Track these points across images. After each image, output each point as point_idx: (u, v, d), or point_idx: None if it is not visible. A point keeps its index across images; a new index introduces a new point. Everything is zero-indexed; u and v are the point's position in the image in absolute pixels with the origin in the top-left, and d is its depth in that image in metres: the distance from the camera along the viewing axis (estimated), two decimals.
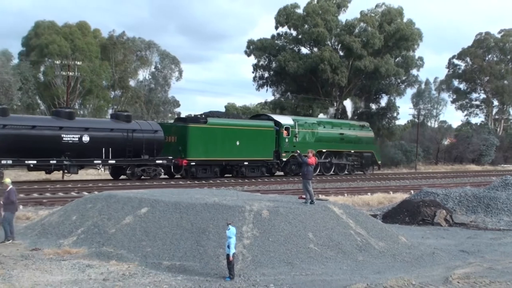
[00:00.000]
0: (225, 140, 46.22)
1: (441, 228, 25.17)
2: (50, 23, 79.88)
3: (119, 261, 16.43)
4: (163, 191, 25.19)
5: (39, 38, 76.94)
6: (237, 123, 49.20)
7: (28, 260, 16.56)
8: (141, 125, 44.26)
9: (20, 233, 19.59)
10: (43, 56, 75.83)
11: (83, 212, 20.13)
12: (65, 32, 78.32)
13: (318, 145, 53.59)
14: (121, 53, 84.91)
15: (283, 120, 53.33)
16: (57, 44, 75.12)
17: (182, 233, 17.42)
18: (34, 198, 30.17)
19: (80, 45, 77.35)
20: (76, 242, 18.32)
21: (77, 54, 74.07)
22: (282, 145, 51.12)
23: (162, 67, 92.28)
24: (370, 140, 62.38)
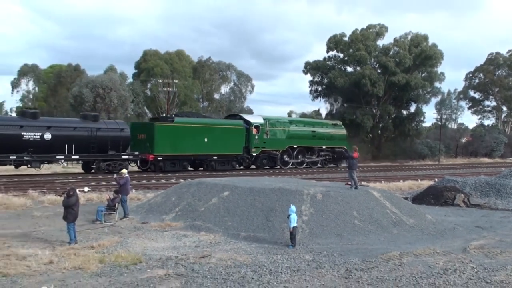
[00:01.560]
0: (193, 137, 41.48)
1: (460, 209, 24.52)
2: (155, 51, 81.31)
3: (207, 232, 16.59)
4: (240, 179, 25.28)
5: (147, 63, 78.39)
6: (205, 122, 44.23)
7: (139, 231, 16.91)
8: (107, 124, 40.04)
9: (133, 211, 19.99)
10: (150, 76, 77.23)
11: (180, 194, 20.41)
12: (166, 58, 79.51)
13: (290, 142, 48.94)
14: (207, 73, 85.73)
15: (253, 119, 48.04)
16: (160, 67, 76.37)
17: (255, 211, 17.48)
18: (143, 184, 30.67)
19: (177, 68, 78.41)
20: (174, 218, 18.59)
21: (175, 74, 75.26)
22: (252, 141, 45.78)
23: (239, 84, 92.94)
24: (343, 137, 55.52)
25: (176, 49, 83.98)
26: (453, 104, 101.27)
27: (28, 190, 25.43)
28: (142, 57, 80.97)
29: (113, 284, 10.89)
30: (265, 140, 46.82)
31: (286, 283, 11.31)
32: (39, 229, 17.02)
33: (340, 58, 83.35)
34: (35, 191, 25.42)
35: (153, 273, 11.75)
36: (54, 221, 18.18)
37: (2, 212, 20.46)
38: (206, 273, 11.86)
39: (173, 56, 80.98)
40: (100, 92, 65.75)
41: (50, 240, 15.16)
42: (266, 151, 47.05)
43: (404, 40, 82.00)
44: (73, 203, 14.91)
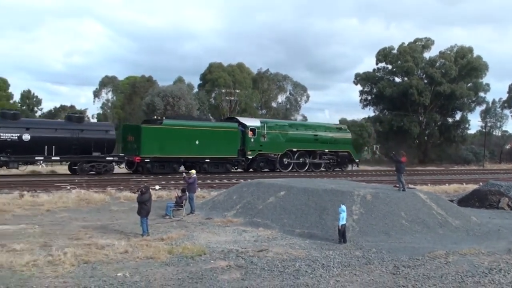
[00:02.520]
0: (182, 139, 38.10)
1: (504, 211, 23.51)
2: (219, 64, 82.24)
3: (265, 228, 16.59)
4: (295, 180, 25.16)
5: (211, 74, 79.42)
6: (195, 124, 40.38)
7: (203, 226, 17.07)
8: (92, 125, 38.04)
9: (198, 207, 20.21)
10: (214, 87, 78.18)
11: (241, 193, 20.50)
12: (229, 70, 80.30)
13: (289, 145, 44.89)
14: (266, 83, 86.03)
15: (249, 122, 44.45)
16: (223, 78, 77.21)
17: (309, 209, 17.35)
18: (207, 183, 30.97)
19: (239, 79, 79.02)
20: (235, 214, 18.68)
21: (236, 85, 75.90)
22: (248, 144, 42.26)
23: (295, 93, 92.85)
24: (347, 141, 50.48)
25: (238, 62, 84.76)
26: (498, 113, 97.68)
27: (106, 187, 26.16)
28: (207, 69, 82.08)
29: (180, 273, 11.03)
30: (262, 143, 43.26)
31: (338, 277, 11.16)
32: (116, 222, 17.47)
33: (389, 69, 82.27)
34: (113, 188, 26.09)
35: (216, 264, 11.84)
36: (129, 215, 18.61)
37: (84, 206, 21.13)
38: (264, 265, 11.86)
39: (235, 68, 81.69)
40: (170, 100, 67.13)
41: (125, 232, 15.52)
42: (264, 154, 43.55)
43: (450, 53, 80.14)
44: (146, 200, 15.22)
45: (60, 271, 10.85)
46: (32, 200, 21.36)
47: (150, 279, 10.55)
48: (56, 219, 17.91)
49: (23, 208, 19.63)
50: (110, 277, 10.58)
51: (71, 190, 24.79)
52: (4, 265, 11.12)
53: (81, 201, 21.89)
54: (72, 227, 16.37)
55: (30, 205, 20.39)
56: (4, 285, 9.83)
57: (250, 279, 10.81)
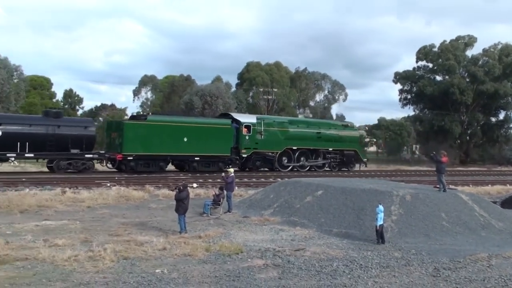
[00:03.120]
0: (169, 136, 35.65)
1: None
2: (256, 63, 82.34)
3: (302, 227, 16.52)
4: (333, 179, 25.01)
5: (249, 73, 79.55)
6: (183, 120, 37.99)
7: (241, 224, 17.13)
8: (70, 121, 35.66)
9: (236, 206, 20.27)
10: (252, 86, 78.31)
11: (278, 192, 20.49)
12: (266, 69, 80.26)
13: (288, 143, 41.79)
14: (304, 82, 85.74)
15: (244, 118, 41.49)
16: (261, 77, 77.21)
17: (346, 209, 17.19)
18: (245, 182, 31.03)
19: (276, 78, 78.89)
20: (272, 213, 18.67)
21: (274, 84, 75.85)
22: (242, 142, 39.46)
23: (333, 92, 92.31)
24: (354, 139, 47.23)
25: (275, 60, 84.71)
26: None
27: (145, 185, 26.52)
28: (245, 68, 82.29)
29: (217, 271, 11.09)
30: (258, 141, 40.30)
31: (376, 278, 11.01)
32: (154, 219, 17.70)
33: (429, 67, 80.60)
34: (151, 186, 26.45)
35: (253, 263, 11.85)
36: (167, 212, 18.83)
37: (124, 203, 21.50)
38: (301, 264, 11.80)
39: (273, 67, 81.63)
40: (208, 99, 67.63)
41: (163, 229, 15.71)
42: (260, 153, 40.65)
43: (494, 50, 77.82)
44: (184, 197, 15.36)
45: (100, 266, 11.06)
46: (73, 196, 21.85)
47: (188, 276, 10.64)
48: (97, 215, 18.28)
49: (65, 204, 20.12)
50: (149, 273, 10.72)
51: (111, 187, 25.25)
52: (46, 259, 11.42)
53: (121, 198, 22.29)
54: (112, 223, 16.68)
55: (72, 201, 20.88)
56: (46, 279, 10.09)
57: (287, 278, 10.77)
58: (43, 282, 9.94)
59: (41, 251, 11.93)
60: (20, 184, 25.91)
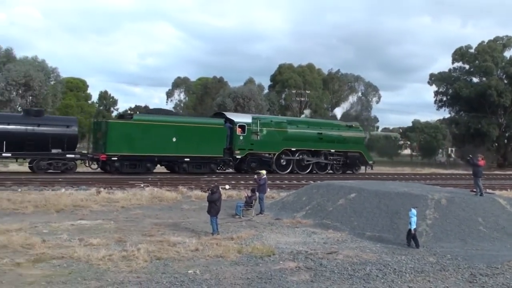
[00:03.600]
0: (156, 136, 34.19)
1: None
2: (289, 65, 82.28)
3: (335, 230, 16.40)
4: (366, 182, 24.75)
5: (281, 75, 79.57)
6: (171, 119, 36.22)
7: (273, 226, 17.10)
8: (51, 120, 34.00)
9: (268, 208, 20.25)
10: (284, 88, 78.29)
11: (310, 195, 20.39)
12: (299, 71, 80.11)
13: (286, 144, 40.08)
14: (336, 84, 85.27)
15: (238, 118, 39.84)
16: (294, 79, 77.12)
17: (380, 213, 16.98)
18: (277, 184, 31.01)
19: (309, 79, 78.68)
20: (305, 216, 18.58)
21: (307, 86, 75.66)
22: (236, 142, 37.74)
23: (366, 94, 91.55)
24: (358, 140, 44.97)
25: (307, 62, 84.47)
26: None
27: (178, 186, 26.76)
28: (277, 70, 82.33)
29: (249, 273, 11.09)
30: (253, 142, 38.67)
31: (410, 283, 10.84)
32: (187, 220, 17.83)
33: (466, 69, 79.11)
34: (184, 187, 26.66)
35: (285, 265, 11.81)
36: (199, 214, 18.94)
37: (157, 204, 21.73)
38: (333, 268, 11.71)
39: (305, 69, 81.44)
40: (240, 101, 67.93)
41: (196, 230, 15.81)
42: (256, 154, 38.99)
43: None
44: (216, 199, 15.42)
45: (133, 266, 11.20)
46: (108, 197, 22.21)
47: (220, 277, 10.68)
48: (130, 215, 18.53)
49: (99, 204, 20.45)
50: (181, 273, 10.80)
51: (144, 188, 25.58)
52: (82, 258, 11.62)
53: (154, 199, 22.54)
54: (145, 224, 16.88)
55: (106, 201, 21.21)
56: (81, 278, 10.27)
57: (319, 281, 10.70)
58: (78, 280, 10.12)
59: (76, 250, 12.15)
60: (56, 184, 26.48)
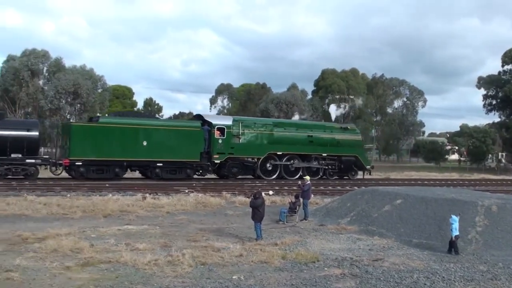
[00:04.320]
0: (125, 140, 32.42)
1: None
2: (332, 70, 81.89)
3: (380, 237, 16.13)
4: (412, 188, 24.26)
5: (325, 81, 79.26)
6: (141, 122, 34.06)
7: (317, 232, 16.96)
8: (9, 123, 32.23)
9: (312, 214, 20.11)
10: (327, 93, 77.90)
11: (355, 201, 20.15)
12: (342, 76, 79.61)
13: (272, 147, 37.45)
14: (381, 89, 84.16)
15: (217, 120, 37.66)
16: (337, 84, 76.69)
17: (427, 219, 16.59)
18: (321, 190, 30.76)
19: (352, 84, 78.08)
20: (349, 222, 18.36)
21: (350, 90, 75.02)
22: (214, 146, 35.34)
23: (412, 98, 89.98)
24: (355, 143, 41.66)
25: (351, 67, 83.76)
26: None
27: (222, 192, 26.93)
28: (321, 76, 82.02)
29: (294, 279, 11.02)
30: (234, 145, 36.29)
31: None
32: (231, 226, 17.90)
33: None
34: (228, 192, 26.80)
35: (329, 272, 11.69)
36: (243, 219, 18.99)
37: (201, 209, 21.91)
38: (379, 275, 11.51)
39: (348, 74, 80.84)
40: (283, 107, 68.16)
41: (240, 236, 15.85)
42: (237, 158, 36.87)
43: None
44: (259, 205, 15.42)
45: (179, 271, 11.31)
46: (153, 202, 22.55)
47: (264, 283, 10.66)
48: (175, 221, 18.74)
49: (145, 210, 20.78)
50: (226, 279, 10.83)
51: (189, 194, 25.84)
52: (128, 262, 11.82)
53: (198, 205, 22.74)
54: (190, 229, 17.04)
55: (152, 207, 21.53)
56: (128, 282, 10.45)
57: None
58: (125, 284, 10.29)
59: (123, 255, 12.37)
60: (104, 189, 27.08)
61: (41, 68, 64.02)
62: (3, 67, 63.77)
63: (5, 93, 61.80)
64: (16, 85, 60.71)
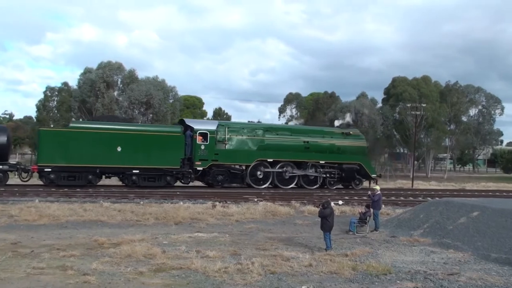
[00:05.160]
0: (98, 146, 31.21)
1: None
2: (403, 78, 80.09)
3: (455, 250, 15.53)
4: (489, 199, 23.29)
5: (395, 89, 77.60)
6: (115, 127, 32.39)
7: (388, 244, 16.59)
8: None
9: (383, 225, 19.70)
10: (398, 101, 76.23)
11: (428, 212, 19.54)
12: (413, 84, 77.65)
13: (261, 154, 35.24)
14: (455, 96, 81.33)
15: (199, 125, 35.34)
16: (408, 92, 74.85)
17: (507, 233, 15.78)
18: (392, 200, 30.07)
19: (425, 92, 75.88)
20: (422, 234, 17.82)
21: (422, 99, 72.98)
22: (196, 152, 33.53)
23: (488, 106, 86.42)
24: (358, 150, 38.56)
25: (422, 74, 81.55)
26: None
27: (291, 201, 26.88)
28: (391, 84, 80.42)
29: None
30: (219, 151, 34.35)
31: None
32: (300, 235, 17.83)
33: None
34: (297, 202, 26.72)
35: (402, 285, 11.37)
36: (312, 229, 18.86)
37: (270, 218, 21.96)
38: None
39: (420, 81, 78.73)
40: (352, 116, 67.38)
41: (309, 246, 15.74)
42: (222, 165, 34.84)
43: None
44: (328, 214, 15.26)
45: (248, 279, 11.36)
46: (223, 210, 22.85)
47: None
48: (244, 229, 18.88)
49: (215, 218, 21.08)
50: None
51: (258, 202, 25.97)
52: (199, 269, 12.01)
53: (267, 213, 22.81)
54: (259, 237, 17.11)
55: (221, 215, 21.82)
56: None
57: None
58: None
59: (194, 262, 12.58)
60: (175, 197, 27.72)
61: (116, 79, 66.74)
62: (80, 79, 66.99)
63: (82, 103, 64.81)
64: (93, 96, 63.58)
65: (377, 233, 18.57)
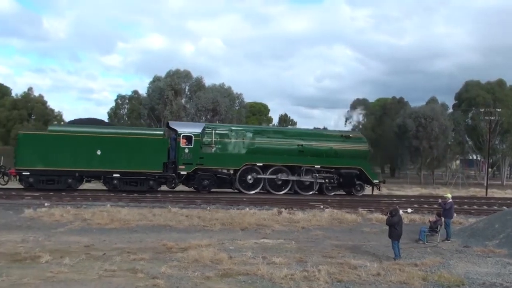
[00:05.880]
0: (77, 149, 30.72)
1: None
2: (476, 82, 77.32)
3: None
4: None
5: (468, 93, 75.00)
6: (94, 131, 31.83)
7: (461, 254, 16.03)
8: None
9: (454, 234, 19.03)
10: (471, 106, 73.59)
11: (504, 222, 18.67)
12: (487, 88, 74.76)
13: (250, 158, 33.74)
14: None
15: (183, 128, 33.89)
16: (482, 96, 72.14)
17: None
18: (464, 209, 28.96)
19: (499, 97, 72.87)
20: (498, 244, 17.06)
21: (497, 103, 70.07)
22: (180, 156, 32.38)
23: None
24: (358, 154, 36.11)
25: (497, 78, 78.28)
26: None
27: (358, 208, 26.48)
28: (463, 88, 77.75)
29: None
30: (204, 155, 33.06)
31: None
32: (367, 243, 17.52)
33: None
34: (364, 209, 26.28)
35: None
36: (380, 237, 18.49)
37: (336, 226, 21.71)
38: None
39: (494, 85, 75.64)
40: (422, 121, 65.83)
41: (377, 254, 15.44)
42: (209, 169, 33.26)
43: None
44: (396, 222, 14.93)
45: (314, 287, 11.28)
46: (289, 217, 22.80)
47: None
48: (311, 236, 18.77)
49: (281, 224, 21.07)
50: None
51: (324, 209, 25.74)
52: (265, 276, 12.03)
53: (334, 221, 22.57)
54: (325, 245, 16.95)
55: (287, 221, 21.78)
56: None
57: None
58: None
59: (260, 268, 12.61)
60: (241, 203, 27.95)
61: (183, 87, 68.20)
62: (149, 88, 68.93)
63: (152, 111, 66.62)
64: (161, 104, 65.19)
65: (448, 242, 17.97)
